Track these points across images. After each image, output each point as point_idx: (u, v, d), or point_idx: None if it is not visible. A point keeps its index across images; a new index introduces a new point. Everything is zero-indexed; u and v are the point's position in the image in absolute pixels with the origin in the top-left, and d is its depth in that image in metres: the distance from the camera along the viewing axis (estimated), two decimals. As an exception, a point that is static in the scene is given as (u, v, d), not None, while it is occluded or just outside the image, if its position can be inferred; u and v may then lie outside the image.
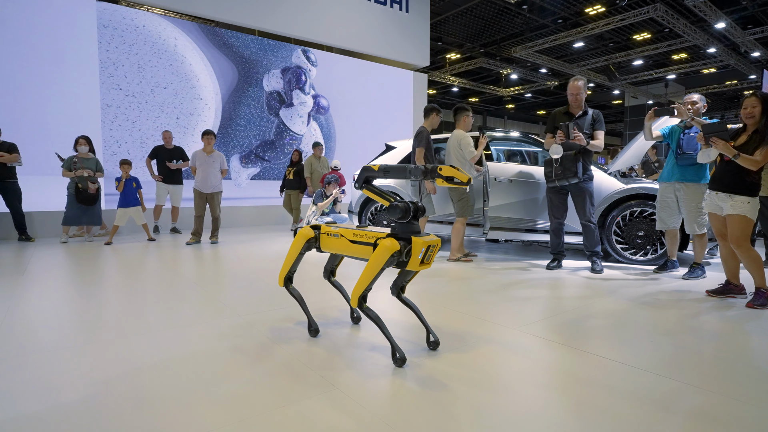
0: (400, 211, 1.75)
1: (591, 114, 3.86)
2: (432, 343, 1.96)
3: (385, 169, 1.91)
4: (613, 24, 12.72)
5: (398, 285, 1.95)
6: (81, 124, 6.51)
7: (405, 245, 1.72)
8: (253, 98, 8.39)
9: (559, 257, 4.04)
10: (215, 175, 5.64)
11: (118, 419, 1.37)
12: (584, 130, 3.79)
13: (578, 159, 3.74)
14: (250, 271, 3.90)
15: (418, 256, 1.73)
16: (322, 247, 2.07)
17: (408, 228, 1.77)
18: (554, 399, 1.53)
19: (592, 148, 3.78)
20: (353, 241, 1.88)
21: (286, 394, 1.54)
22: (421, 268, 1.78)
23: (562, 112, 3.99)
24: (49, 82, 6.43)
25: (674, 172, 3.60)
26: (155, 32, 7.29)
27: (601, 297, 2.98)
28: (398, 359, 1.76)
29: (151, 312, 2.58)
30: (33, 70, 6.30)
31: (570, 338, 2.14)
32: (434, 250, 1.79)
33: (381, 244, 1.72)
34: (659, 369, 1.78)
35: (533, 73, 19.13)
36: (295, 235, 2.12)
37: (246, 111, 8.31)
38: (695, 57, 16.88)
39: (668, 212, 3.66)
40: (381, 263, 1.71)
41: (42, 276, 3.57)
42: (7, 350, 1.95)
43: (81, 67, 6.65)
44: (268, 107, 8.57)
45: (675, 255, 3.80)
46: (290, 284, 2.18)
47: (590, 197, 3.84)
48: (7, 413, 1.41)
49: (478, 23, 14.12)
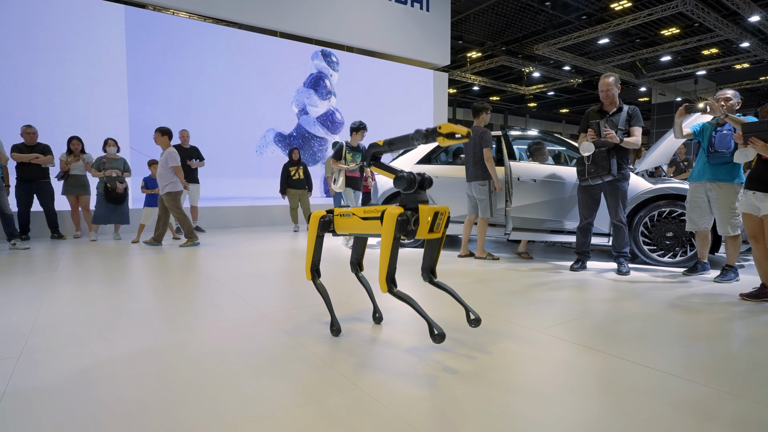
0: (406, 181, 1.78)
1: (626, 110, 3.70)
2: (473, 321, 1.97)
3: (390, 142, 1.94)
4: (640, 19, 12.38)
5: (427, 268, 1.97)
6: (109, 126, 6.72)
7: (412, 213, 1.75)
8: (275, 101, 8.50)
9: (583, 258, 3.94)
10: (161, 175, 5.17)
11: (145, 413, 1.40)
12: (619, 127, 3.65)
13: (612, 156, 3.62)
14: (273, 269, 3.94)
15: (426, 222, 1.75)
16: (336, 229, 2.11)
17: (414, 197, 1.80)
18: (583, 405, 1.49)
19: (627, 145, 3.62)
20: (364, 218, 1.93)
21: (307, 393, 1.54)
22: (430, 236, 1.80)
23: (596, 110, 3.88)
24: (80, 86, 6.65)
25: (705, 171, 3.47)
26: (181, 35, 7.46)
27: (629, 300, 2.90)
28: (437, 335, 1.71)
29: (175, 307, 2.63)
30: (65, 74, 6.54)
31: (598, 342, 2.09)
32: (443, 218, 1.82)
33: (387, 212, 1.76)
34: (692, 375, 1.72)
35: (556, 70, 18.79)
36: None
37: (271, 114, 8.43)
38: (727, 52, 16.28)
39: (699, 213, 3.53)
40: (391, 231, 1.73)
41: (73, 272, 3.70)
42: (40, 344, 2.02)
43: (110, 71, 6.86)
44: (296, 108, 8.67)
45: (706, 257, 3.67)
46: (318, 278, 2.17)
47: (624, 197, 3.73)
48: (43, 406, 1.46)
49: (500, 21, 13.95)
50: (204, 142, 7.19)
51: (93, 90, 6.75)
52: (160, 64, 7.30)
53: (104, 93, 6.84)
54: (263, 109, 8.37)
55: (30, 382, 1.63)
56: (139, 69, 7.10)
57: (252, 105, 8.25)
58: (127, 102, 7.02)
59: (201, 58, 7.68)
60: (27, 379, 1.65)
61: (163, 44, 7.30)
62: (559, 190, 4.37)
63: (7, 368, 1.75)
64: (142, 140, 7.04)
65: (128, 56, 6.97)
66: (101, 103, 6.82)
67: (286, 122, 8.67)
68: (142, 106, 7.17)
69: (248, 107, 8.21)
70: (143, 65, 7.13)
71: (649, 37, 14.96)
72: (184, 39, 7.50)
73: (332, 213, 2.11)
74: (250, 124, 8.25)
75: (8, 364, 1.79)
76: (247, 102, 8.18)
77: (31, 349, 1.95)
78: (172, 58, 7.40)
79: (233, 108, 8.05)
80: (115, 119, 6.86)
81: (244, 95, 8.15)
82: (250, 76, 8.20)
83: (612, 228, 3.83)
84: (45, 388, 1.58)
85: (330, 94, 9.07)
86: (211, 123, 7.82)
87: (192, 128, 7.01)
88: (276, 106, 8.52)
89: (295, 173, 7.18)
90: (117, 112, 6.94)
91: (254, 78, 8.24)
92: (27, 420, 1.37)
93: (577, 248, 3.98)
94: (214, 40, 7.80)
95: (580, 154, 3.75)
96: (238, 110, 8.10)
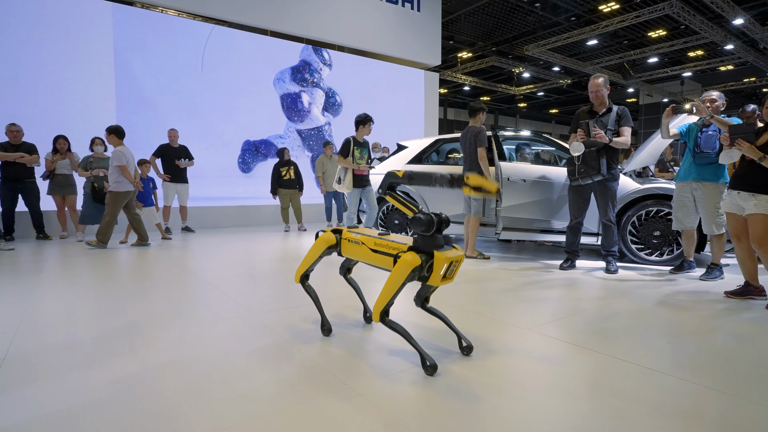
0: (424, 224, 1.67)
1: (616, 110, 3.75)
2: (465, 348, 1.90)
3: (410, 176, 1.84)
4: (628, 21, 12.53)
5: (422, 296, 1.88)
6: (97, 124, 6.62)
7: (427, 259, 1.67)
8: (266, 98, 8.45)
9: (572, 257, 3.99)
10: (110, 174, 5.17)
11: (136, 414, 1.39)
12: (608, 128, 3.69)
13: (602, 156, 3.66)
14: (264, 269, 3.92)
15: (440, 272, 1.67)
16: (342, 252, 2.06)
17: (431, 242, 1.69)
18: (572, 402, 1.51)
19: (616, 145, 3.67)
20: (374, 250, 1.85)
21: (297, 392, 1.54)
22: (443, 283, 1.71)
23: (586, 111, 3.93)
24: (66, 84, 6.55)
25: (691, 171, 3.53)
26: (170, 33, 7.38)
27: (618, 298, 2.94)
28: (429, 367, 1.70)
29: (165, 308, 2.61)
30: (51, 72, 6.43)
31: (588, 340, 2.11)
32: (457, 265, 1.73)
33: (402, 259, 1.67)
34: (679, 372, 1.74)
35: (546, 71, 18.94)
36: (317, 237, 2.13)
37: (260, 110, 8.38)
38: (712, 54, 16.55)
39: (685, 212, 3.59)
40: (402, 278, 1.66)
41: (59, 274, 3.64)
42: (26, 347, 1.99)
43: (97, 69, 6.76)
44: (282, 107, 8.63)
45: (692, 255, 3.73)
46: (306, 281, 2.19)
47: (613, 197, 3.79)
48: (29, 412, 1.44)
49: (490, 21, 14.03)
50: (193, 141, 7.12)
51: (80, 88, 6.65)
52: (149, 61, 7.21)
53: (92, 91, 6.74)
54: (254, 108, 8.32)
55: (15, 381, 1.61)
56: (127, 67, 7.01)
57: (243, 104, 8.19)
58: (114, 101, 6.92)
59: (190, 56, 7.60)
60: (12, 379, 1.63)
61: (151, 42, 7.21)
62: (548, 190, 4.41)
63: (-8, 371, 1.72)
64: (129, 139, 6.93)
65: (116, 54, 6.88)
66: (89, 102, 6.72)
67: (276, 123, 8.63)
68: (130, 105, 7.08)
69: (238, 106, 8.15)
70: (131, 63, 7.04)
71: (637, 38, 15.15)
72: (172, 37, 7.42)
73: (340, 234, 2.06)
74: (239, 124, 8.19)
75: (-7, 366, 1.76)
76: (236, 101, 8.12)
77: (17, 351, 1.92)
78: (161, 56, 7.32)
79: (223, 107, 7.99)
80: (102, 118, 6.76)
81: (234, 94, 8.09)
82: (240, 75, 8.14)
83: (601, 227, 3.88)
84: (31, 391, 1.55)
85: (314, 86, 9.01)
86: (201, 122, 7.74)
87: (181, 127, 6.93)
88: (268, 106, 8.47)
89: (285, 173, 7.14)
90: (104, 110, 6.84)
91: (244, 76, 8.19)
92: (14, 417, 1.35)
93: (567, 247, 4.02)
94: (204, 39, 7.73)
95: (571, 155, 3.79)
96: (227, 109, 8.04)
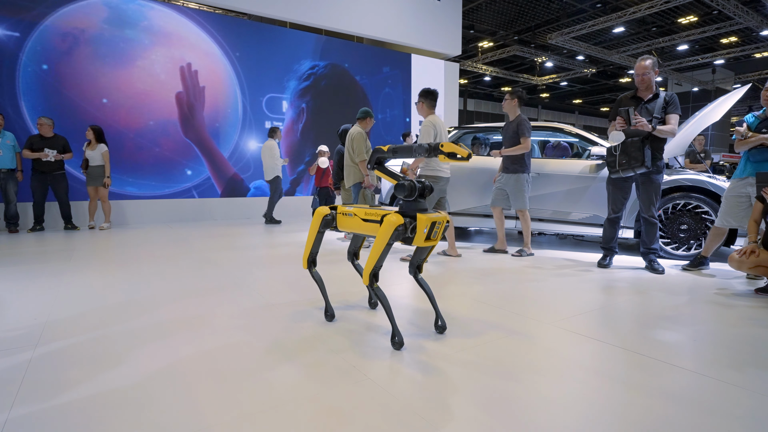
0: (406, 189, 1.85)
1: (663, 97, 3.44)
2: (439, 327, 2.07)
3: (394, 149, 2.03)
4: (657, 7, 12.09)
5: (414, 264, 2.09)
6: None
7: (410, 221, 1.82)
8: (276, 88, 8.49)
9: (610, 253, 3.76)
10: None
11: (160, 398, 1.43)
12: (654, 115, 3.40)
13: (645, 146, 3.37)
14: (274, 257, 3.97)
15: (423, 231, 1.81)
16: (338, 225, 2.19)
17: (414, 206, 1.87)
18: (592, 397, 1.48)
19: (660, 134, 3.36)
20: (365, 219, 2.01)
21: (315, 380, 1.55)
22: (426, 244, 1.87)
23: (629, 97, 3.62)
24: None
25: (747, 167, 3.32)
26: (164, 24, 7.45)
27: (678, 296, 2.86)
28: (396, 342, 1.85)
29: (183, 297, 2.67)
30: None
31: (634, 342, 2.07)
32: (440, 227, 1.88)
33: (386, 219, 1.82)
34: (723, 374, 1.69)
35: (569, 60, 18.49)
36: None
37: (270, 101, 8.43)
38: (747, 40, 15.85)
39: (736, 211, 3.34)
40: (386, 238, 1.81)
41: (86, 262, 3.77)
42: (55, 333, 2.06)
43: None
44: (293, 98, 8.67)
45: (710, 253, 3.55)
46: (314, 267, 2.28)
47: (657, 191, 3.51)
48: (59, 398, 1.49)
49: (512, 10, 13.74)
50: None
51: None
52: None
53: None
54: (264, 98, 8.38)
55: (47, 371, 1.67)
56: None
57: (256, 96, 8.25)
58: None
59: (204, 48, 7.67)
60: (44, 370, 1.69)
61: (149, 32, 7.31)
62: (562, 182, 4.37)
63: (24, 357, 1.79)
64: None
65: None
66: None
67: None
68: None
69: (250, 98, 8.22)
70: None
71: (666, 25, 14.61)
72: (166, 28, 7.50)
73: (335, 210, 2.20)
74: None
75: (26, 354, 1.84)
76: (249, 93, 8.19)
77: (48, 338, 1.99)
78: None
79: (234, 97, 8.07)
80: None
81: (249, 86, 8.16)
82: (258, 66, 8.19)
83: (643, 223, 3.62)
84: (64, 377, 1.61)
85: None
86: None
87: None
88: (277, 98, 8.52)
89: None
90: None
91: (266, 68, 8.24)
92: (48, 408, 1.40)
93: (604, 243, 3.78)
94: (217, 29, 7.79)
95: (609, 144, 3.56)
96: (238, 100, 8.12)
